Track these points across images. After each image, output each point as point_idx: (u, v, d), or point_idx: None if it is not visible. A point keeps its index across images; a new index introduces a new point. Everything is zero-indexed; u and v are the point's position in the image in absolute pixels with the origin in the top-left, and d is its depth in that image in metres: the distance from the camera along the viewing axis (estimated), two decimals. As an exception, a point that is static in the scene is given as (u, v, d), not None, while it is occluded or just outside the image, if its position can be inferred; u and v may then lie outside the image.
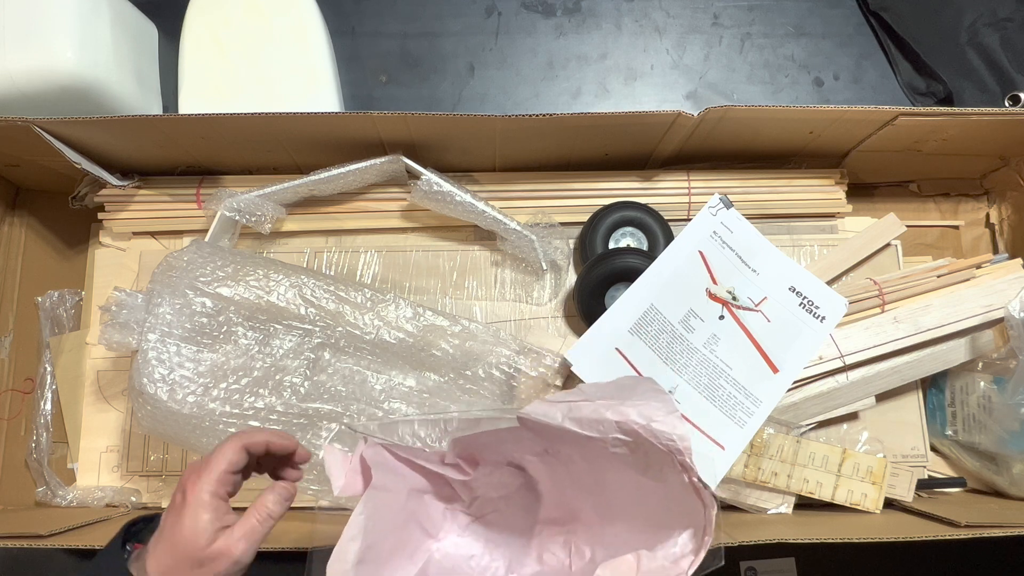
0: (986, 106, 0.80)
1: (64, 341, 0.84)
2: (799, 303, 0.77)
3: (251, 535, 0.47)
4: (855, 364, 0.76)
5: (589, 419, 0.50)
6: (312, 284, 0.75)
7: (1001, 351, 0.75)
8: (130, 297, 0.70)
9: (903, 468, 0.75)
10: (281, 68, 0.85)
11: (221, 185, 0.81)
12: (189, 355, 0.69)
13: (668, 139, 0.78)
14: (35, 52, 0.74)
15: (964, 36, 0.94)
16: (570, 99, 0.95)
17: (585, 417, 0.50)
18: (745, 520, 0.73)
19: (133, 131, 0.72)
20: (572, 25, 0.97)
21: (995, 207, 0.91)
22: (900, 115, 0.73)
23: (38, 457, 0.81)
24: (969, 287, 0.79)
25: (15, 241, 0.86)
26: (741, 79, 0.96)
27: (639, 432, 0.49)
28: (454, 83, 0.95)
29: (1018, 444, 0.72)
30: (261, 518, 0.49)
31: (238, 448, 0.49)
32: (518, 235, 0.78)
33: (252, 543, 0.47)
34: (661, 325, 0.74)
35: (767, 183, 0.84)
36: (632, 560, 0.52)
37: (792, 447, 0.74)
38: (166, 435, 0.70)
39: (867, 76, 0.96)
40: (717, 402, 0.73)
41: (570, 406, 0.51)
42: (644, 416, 0.49)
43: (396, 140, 0.77)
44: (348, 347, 0.73)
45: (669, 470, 0.51)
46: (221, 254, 0.74)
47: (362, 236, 0.83)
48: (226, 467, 0.48)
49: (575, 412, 0.51)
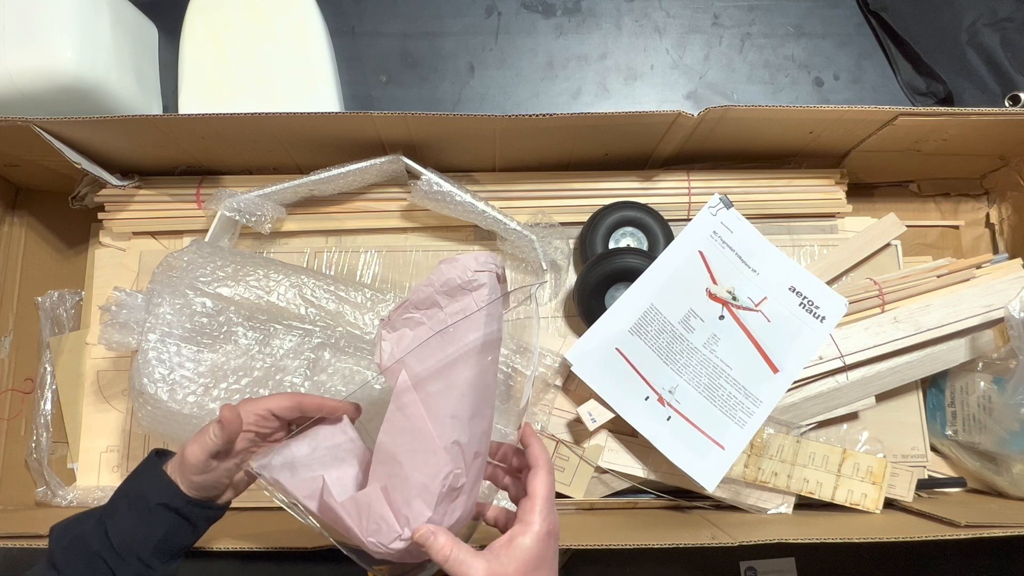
0: (986, 106, 0.80)
1: (64, 341, 0.84)
2: (799, 303, 0.77)
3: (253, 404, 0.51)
4: (855, 364, 0.77)
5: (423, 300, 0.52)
6: (312, 284, 0.75)
7: (1001, 351, 0.75)
8: (130, 297, 0.70)
9: (903, 468, 0.75)
10: (281, 68, 0.85)
11: (221, 185, 0.81)
12: (189, 355, 0.69)
13: (668, 139, 0.78)
14: (35, 52, 0.74)
15: (964, 36, 0.94)
16: (570, 99, 0.95)
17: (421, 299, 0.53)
18: (745, 520, 0.73)
19: (133, 131, 0.72)
20: (572, 25, 0.97)
21: (995, 207, 0.91)
22: (900, 115, 0.73)
23: (38, 457, 0.81)
24: (969, 287, 0.79)
25: (15, 241, 0.86)
26: (741, 79, 0.96)
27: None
28: (454, 83, 0.95)
29: (1018, 444, 0.72)
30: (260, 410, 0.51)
31: (293, 400, 0.52)
32: (518, 235, 0.78)
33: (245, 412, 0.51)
34: (661, 325, 0.74)
35: (767, 183, 0.84)
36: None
37: (792, 447, 0.74)
38: (166, 435, 0.70)
39: (867, 76, 0.96)
40: (717, 402, 0.73)
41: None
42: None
43: (396, 140, 0.77)
44: (348, 347, 0.73)
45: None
46: (221, 254, 0.74)
47: (362, 236, 0.83)
48: (273, 407, 0.51)
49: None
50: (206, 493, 0.52)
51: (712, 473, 0.71)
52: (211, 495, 0.53)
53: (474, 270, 0.52)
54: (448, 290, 0.52)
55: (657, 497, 0.76)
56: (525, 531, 0.46)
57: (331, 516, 0.49)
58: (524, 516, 0.47)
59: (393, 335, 0.53)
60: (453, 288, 0.52)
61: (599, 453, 0.75)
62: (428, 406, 0.49)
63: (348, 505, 0.48)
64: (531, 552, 0.46)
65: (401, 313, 0.53)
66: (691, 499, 0.76)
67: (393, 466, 0.48)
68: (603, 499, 0.76)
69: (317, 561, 0.80)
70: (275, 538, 0.66)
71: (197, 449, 0.50)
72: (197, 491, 0.51)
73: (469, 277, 0.52)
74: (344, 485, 0.52)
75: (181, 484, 0.50)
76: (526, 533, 0.46)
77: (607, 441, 0.76)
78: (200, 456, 0.49)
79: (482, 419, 0.51)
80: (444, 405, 0.48)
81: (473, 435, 0.50)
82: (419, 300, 0.53)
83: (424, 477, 0.47)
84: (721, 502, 0.76)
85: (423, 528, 0.46)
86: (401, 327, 0.53)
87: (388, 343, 0.53)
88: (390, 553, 0.47)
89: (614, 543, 0.62)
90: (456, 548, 0.45)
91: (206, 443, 0.49)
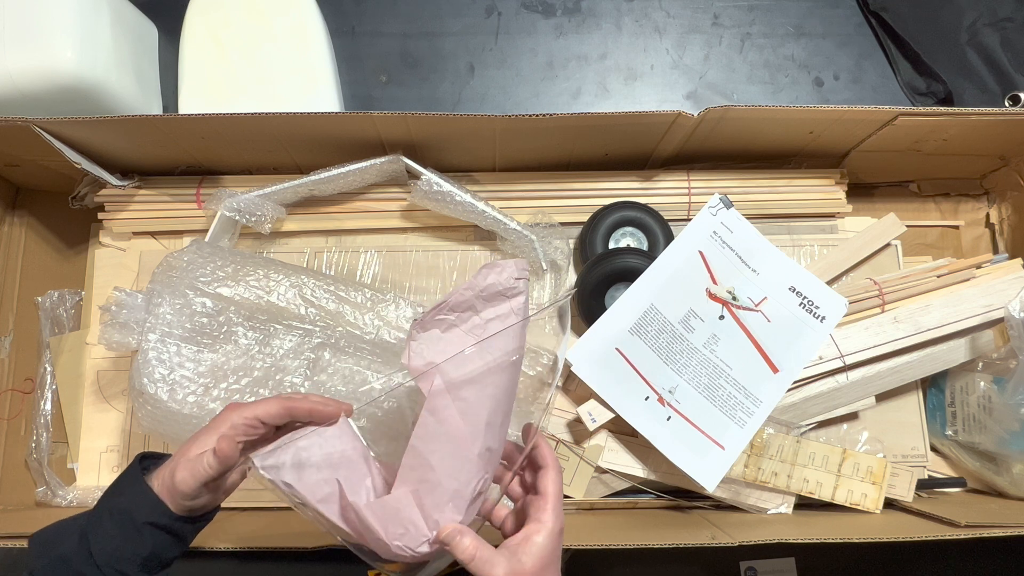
0: (986, 106, 0.80)
1: (64, 341, 0.84)
2: (799, 303, 0.77)
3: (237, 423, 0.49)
4: (855, 364, 0.77)
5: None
6: (312, 284, 0.75)
7: (1001, 351, 0.75)
8: (130, 297, 0.70)
9: (903, 468, 0.75)
10: (281, 68, 0.85)
11: (221, 185, 0.81)
12: (189, 355, 0.69)
13: (668, 139, 0.78)
14: (35, 52, 0.74)
15: (964, 36, 0.94)
16: (570, 99, 0.95)
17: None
18: (745, 520, 0.73)
19: (133, 131, 0.72)
20: (572, 25, 0.97)
21: (995, 207, 0.91)
22: (900, 115, 0.73)
23: (38, 457, 0.81)
24: (969, 287, 0.79)
25: (15, 241, 0.86)
26: (741, 79, 0.96)
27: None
28: (454, 83, 0.95)
29: (1018, 444, 0.72)
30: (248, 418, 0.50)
31: (281, 405, 0.50)
32: (518, 235, 0.78)
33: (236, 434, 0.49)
34: (661, 325, 0.74)
35: (767, 183, 0.84)
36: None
37: (792, 447, 0.74)
38: (166, 435, 0.70)
39: (867, 76, 0.96)
40: (717, 402, 0.73)
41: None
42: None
43: (396, 140, 0.77)
44: (348, 347, 0.73)
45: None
46: (221, 254, 0.74)
47: (362, 236, 0.83)
48: (261, 414, 0.50)
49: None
50: (194, 511, 0.51)
51: (712, 473, 0.71)
52: (199, 510, 0.51)
53: (515, 277, 0.52)
54: (488, 295, 0.52)
55: (657, 497, 0.76)
56: (540, 529, 0.48)
57: (353, 518, 0.49)
58: (537, 515, 0.48)
59: (424, 335, 0.53)
60: (493, 294, 0.52)
61: (599, 453, 0.75)
62: (464, 412, 0.49)
63: (375, 508, 0.48)
64: (546, 549, 0.47)
65: (435, 314, 0.53)
66: (691, 499, 0.76)
67: (425, 471, 0.48)
68: (603, 499, 0.76)
69: (317, 561, 0.79)
70: (275, 538, 0.66)
71: (189, 478, 0.48)
72: (186, 511, 0.50)
73: (511, 284, 0.52)
74: (356, 487, 0.51)
75: (170, 504, 0.49)
76: (540, 531, 0.47)
77: (607, 441, 0.76)
78: (192, 485, 0.48)
79: (506, 426, 0.51)
80: (480, 412, 0.48)
81: (500, 440, 0.50)
82: (457, 303, 0.52)
83: (457, 484, 0.48)
84: (721, 502, 0.76)
85: (450, 528, 0.47)
86: (433, 328, 0.53)
87: (418, 344, 0.53)
88: (415, 556, 0.48)
89: (614, 543, 0.62)
90: (480, 548, 0.46)
91: (199, 472, 0.48)
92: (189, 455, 0.48)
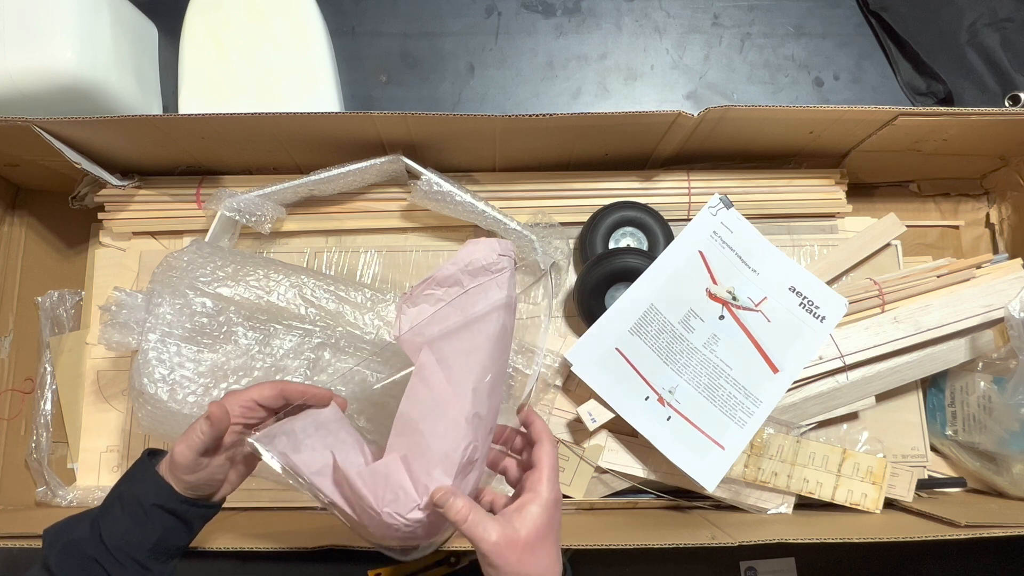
0: (986, 106, 0.80)
1: (64, 341, 0.84)
2: (799, 303, 0.77)
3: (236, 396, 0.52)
4: (855, 364, 0.77)
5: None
6: (312, 284, 0.75)
7: (1001, 351, 0.75)
8: (130, 297, 0.70)
9: (903, 468, 0.75)
10: (281, 68, 0.85)
11: (221, 185, 0.81)
12: (189, 355, 0.69)
13: (668, 139, 0.78)
14: (35, 52, 0.74)
15: (964, 36, 0.93)
16: (570, 99, 0.95)
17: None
18: (745, 520, 0.73)
19: (133, 131, 0.72)
20: (572, 25, 0.97)
21: (995, 207, 0.91)
22: (900, 115, 0.73)
23: (38, 457, 0.81)
24: (969, 287, 0.79)
25: (15, 241, 0.86)
26: (741, 79, 0.96)
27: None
28: (454, 83, 0.95)
29: (1018, 444, 0.72)
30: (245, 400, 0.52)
31: (276, 388, 0.52)
32: (518, 235, 0.78)
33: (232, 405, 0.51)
34: (661, 325, 0.74)
35: (767, 183, 0.84)
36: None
37: (792, 447, 0.74)
38: (166, 435, 0.70)
39: (867, 76, 0.96)
40: (717, 402, 0.73)
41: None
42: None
43: (396, 140, 0.77)
44: (348, 347, 0.73)
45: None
46: (221, 254, 0.74)
47: (362, 236, 0.83)
48: (256, 396, 0.52)
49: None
50: (200, 492, 0.52)
51: (712, 473, 0.71)
52: (205, 493, 0.53)
53: (499, 253, 0.53)
54: (472, 270, 0.53)
55: (657, 497, 0.76)
56: (535, 499, 0.48)
57: (345, 488, 0.49)
58: (532, 486, 0.49)
59: (413, 310, 0.54)
60: (477, 268, 0.53)
61: (599, 453, 0.75)
62: (450, 377, 0.50)
63: (365, 475, 0.49)
64: (540, 518, 0.47)
65: (423, 289, 0.54)
66: (691, 499, 0.76)
67: (413, 436, 0.49)
68: (603, 499, 0.76)
69: (317, 561, 0.80)
70: (275, 538, 0.66)
71: (185, 448, 0.49)
72: (191, 490, 0.51)
73: (494, 259, 0.53)
74: (350, 462, 0.52)
75: (175, 484, 0.50)
76: (535, 501, 0.48)
77: (607, 441, 0.76)
78: (189, 455, 0.49)
79: (496, 398, 0.51)
80: (466, 377, 0.49)
81: (490, 411, 0.50)
82: (443, 277, 0.54)
83: (446, 447, 0.48)
84: (721, 502, 0.76)
85: (443, 489, 0.47)
86: (421, 303, 0.54)
87: (407, 317, 0.54)
88: (407, 524, 0.48)
89: (614, 543, 0.62)
90: (474, 510, 0.46)
91: (194, 441, 0.49)
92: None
